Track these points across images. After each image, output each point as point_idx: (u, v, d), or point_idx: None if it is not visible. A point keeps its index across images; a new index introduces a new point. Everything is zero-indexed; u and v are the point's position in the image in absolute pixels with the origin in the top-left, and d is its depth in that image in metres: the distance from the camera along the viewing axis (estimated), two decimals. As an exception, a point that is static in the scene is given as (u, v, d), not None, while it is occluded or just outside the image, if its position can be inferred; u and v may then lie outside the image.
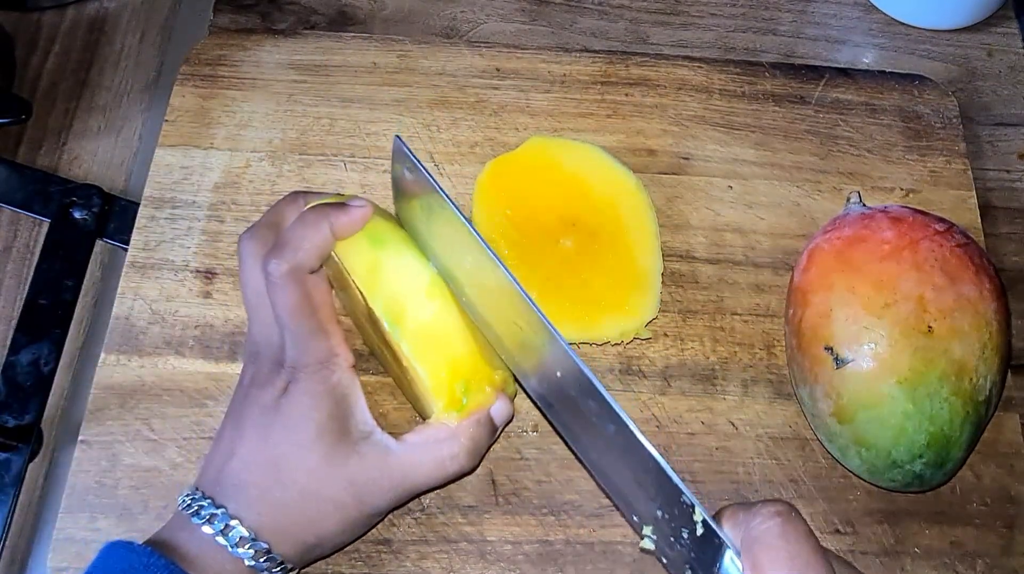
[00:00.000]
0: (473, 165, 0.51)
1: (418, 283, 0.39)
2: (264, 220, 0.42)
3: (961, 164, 0.54)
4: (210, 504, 0.36)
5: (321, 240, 0.39)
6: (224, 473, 0.37)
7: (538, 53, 0.55)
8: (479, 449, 0.39)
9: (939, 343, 0.40)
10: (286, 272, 0.38)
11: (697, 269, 0.50)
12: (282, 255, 0.38)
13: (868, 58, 0.60)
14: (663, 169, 0.52)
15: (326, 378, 0.38)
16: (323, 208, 0.40)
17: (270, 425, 0.37)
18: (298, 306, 0.38)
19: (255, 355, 0.39)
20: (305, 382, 0.37)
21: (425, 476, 0.38)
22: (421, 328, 0.39)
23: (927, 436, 0.40)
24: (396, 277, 0.39)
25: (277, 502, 0.36)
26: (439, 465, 0.38)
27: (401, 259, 0.39)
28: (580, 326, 0.46)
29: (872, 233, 0.43)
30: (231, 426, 0.38)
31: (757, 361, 0.47)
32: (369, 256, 0.39)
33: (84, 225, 0.51)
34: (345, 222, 0.39)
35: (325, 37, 0.55)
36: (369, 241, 0.40)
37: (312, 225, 0.39)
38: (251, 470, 0.37)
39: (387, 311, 0.38)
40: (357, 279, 0.39)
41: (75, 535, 0.41)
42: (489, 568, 0.42)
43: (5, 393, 0.47)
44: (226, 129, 0.51)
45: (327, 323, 0.39)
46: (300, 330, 0.38)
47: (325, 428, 0.37)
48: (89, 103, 0.56)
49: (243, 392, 0.39)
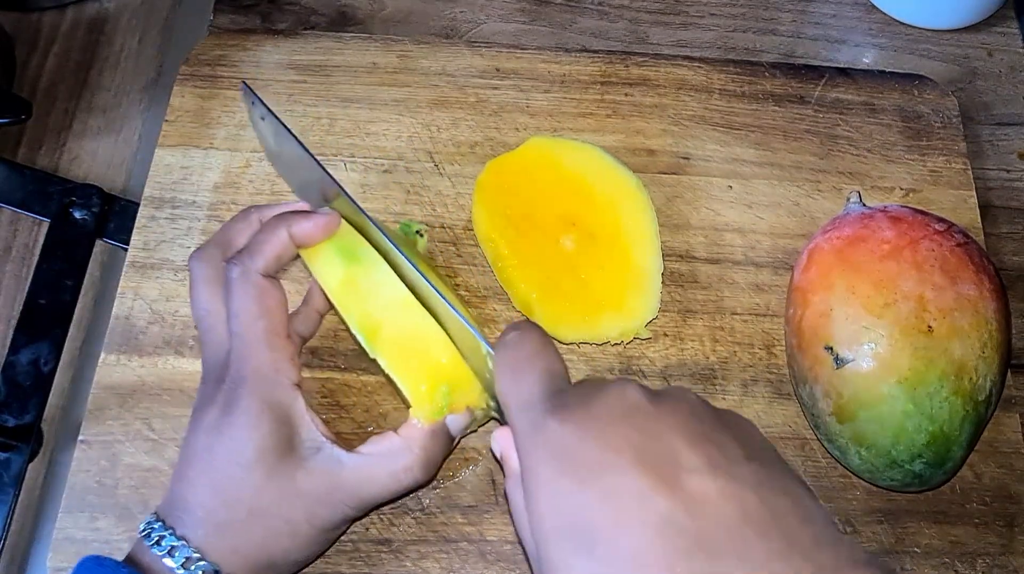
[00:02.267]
0: (473, 165, 0.51)
1: (392, 296, 0.39)
2: (214, 239, 0.41)
3: (961, 164, 0.54)
4: (160, 526, 0.36)
5: (278, 243, 0.39)
6: (176, 498, 0.37)
7: (538, 53, 0.55)
8: (434, 460, 0.39)
9: (939, 343, 0.40)
10: (239, 274, 0.38)
11: (697, 269, 0.50)
12: (239, 258, 0.39)
13: (868, 58, 0.60)
14: (663, 169, 0.52)
15: (265, 395, 0.37)
16: (286, 214, 0.40)
17: (213, 447, 0.37)
18: (249, 309, 0.38)
19: (206, 376, 0.39)
20: (245, 399, 0.37)
21: (379, 488, 0.38)
22: (397, 341, 0.38)
23: (927, 435, 0.40)
24: (369, 292, 0.39)
25: (224, 523, 0.36)
26: (393, 477, 0.38)
27: (375, 274, 0.39)
28: (580, 326, 0.46)
29: (872, 233, 0.43)
30: (183, 452, 0.38)
31: (757, 361, 0.47)
32: (341, 272, 0.39)
33: (84, 225, 0.51)
34: (307, 228, 0.40)
35: (325, 37, 0.55)
36: (341, 256, 0.40)
37: (271, 229, 0.40)
38: (196, 492, 0.36)
39: (362, 326, 0.38)
40: (331, 295, 0.39)
41: (75, 535, 0.41)
42: (489, 568, 0.42)
43: (5, 393, 0.47)
44: (226, 129, 0.51)
45: (275, 335, 0.38)
46: (246, 335, 0.38)
47: (267, 446, 0.36)
48: (89, 103, 0.56)
49: (193, 416, 0.39)
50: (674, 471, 0.28)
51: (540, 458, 0.30)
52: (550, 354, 0.34)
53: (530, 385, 0.33)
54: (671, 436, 0.29)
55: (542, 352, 0.34)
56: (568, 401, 0.31)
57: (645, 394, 0.31)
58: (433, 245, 0.49)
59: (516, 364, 0.34)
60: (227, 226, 0.42)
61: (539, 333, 0.35)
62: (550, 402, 0.32)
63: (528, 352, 0.34)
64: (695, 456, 0.29)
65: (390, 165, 0.51)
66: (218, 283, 0.39)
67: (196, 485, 0.37)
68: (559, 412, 0.31)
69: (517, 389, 0.33)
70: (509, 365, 0.34)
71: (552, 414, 0.31)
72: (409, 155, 0.51)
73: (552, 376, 0.33)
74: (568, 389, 0.33)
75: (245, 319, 0.38)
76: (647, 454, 0.29)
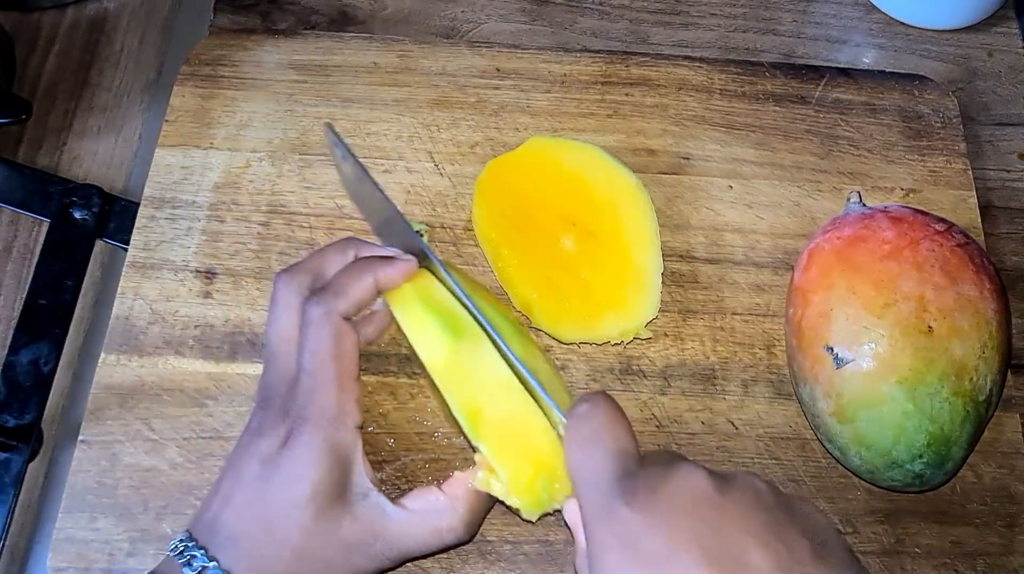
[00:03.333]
0: (473, 165, 0.51)
1: (497, 379, 0.38)
2: (306, 264, 0.41)
3: (961, 164, 0.54)
4: (203, 555, 0.35)
5: (364, 290, 0.39)
6: (219, 522, 0.36)
7: (538, 53, 0.55)
8: (478, 520, 0.39)
9: (939, 343, 0.40)
10: (321, 314, 0.38)
11: (697, 269, 0.50)
12: (323, 297, 0.38)
13: (868, 58, 0.60)
14: (663, 169, 0.52)
15: (330, 435, 0.37)
16: (368, 260, 0.40)
17: (268, 478, 0.36)
18: (324, 350, 0.38)
19: (266, 401, 0.39)
20: (308, 435, 0.36)
21: (419, 544, 0.37)
22: (500, 427, 0.37)
23: (927, 436, 0.40)
24: (474, 373, 0.38)
25: (268, 558, 0.36)
26: (435, 534, 0.37)
27: (478, 353, 0.38)
28: (580, 326, 0.46)
29: (872, 233, 0.43)
30: (231, 473, 0.37)
31: (757, 361, 0.47)
32: (444, 347, 0.38)
33: (84, 225, 0.51)
34: (391, 274, 0.40)
35: (325, 37, 0.55)
36: (444, 328, 0.38)
37: (358, 274, 0.39)
38: (245, 522, 0.36)
39: (465, 410, 0.37)
40: (432, 372, 0.38)
41: (75, 535, 0.41)
42: (489, 568, 0.42)
43: (5, 393, 0.47)
44: (226, 129, 0.51)
45: (346, 377, 0.38)
46: (318, 376, 0.37)
47: (322, 487, 0.36)
48: (89, 103, 0.56)
49: (247, 438, 0.38)
50: (740, 571, 0.28)
51: (607, 543, 0.30)
52: (621, 428, 0.34)
53: (599, 462, 0.32)
54: (738, 532, 0.29)
55: (612, 427, 0.33)
56: (638, 486, 0.31)
57: (712, 482, 0.31)
58: (433, 245, 0.49)
59: (586, 439, 0.33)
60: (322, 254, 0.41)
61: (610, 406, 0.34)
62: (619, 484, 0.31)
63: (598, 426, 0.33)
64: (762, 556, 0.29)
65: (390, 165, 0.51)
66: (300, 311, 0.39)
67: (244, 515, 0.36)
68: (627, 496, 0.31)
69: (586, 465, 0.33)
70: (579, 440, 0.33)
71: (621, 498, 0.31)
72: (409, 155, 0.51)
73: (622, 455, 0.33)
74: (638, 471, 0.32)
75: (321, 359, 0.38)
76: (713, 550, 0.29)
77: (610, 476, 0.32)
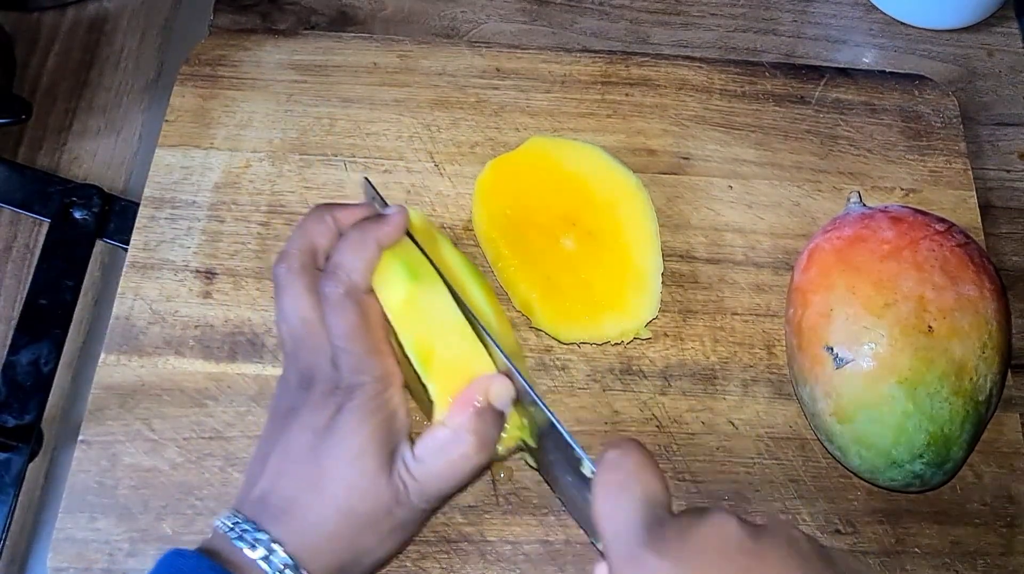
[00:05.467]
0: (473, 165, 0.51)
1: (450, 322, 0.39)
2: (294, 245, 0.41)
3: (961, 164, 0.54)
4: (253, 528, 0.35)
5: (372, 258, 0.39)
6: (271, 496, 0.36)
7: (538, 53, 0.55)
8: (488, 440, 0.38)
9: (939, 343, 0.40)
10: (343, 294, 0.38)
11: (697, 269, 0.50)
12: (337, 278, 0.38)
13: (868, 58, 0.60)
14: (663, 169, 0.52)
15: (380, 394, 0.38)
16: (364, 225, 0.40)
17: (320, 446, 0.37)
18: (357, 327, 0.38)
19: (308, 381, 0.39)
20: (360, 399, 0.37)
21: (442, 482, 0.38)
22: (449, 367, 0.38)
23: (927, 436, 0.40)
24: (428, 314, 0.39)
25: (314, 524, 0.36)
26: (451, 467, 0.37)
27: (434, 296, 0.39)
28: (581, 326, 0.46)
29: (872, 233, 0.43)
30: (279, 450, 0.38)
31: (757, 361, 0.47)
32: (403, 289, 0.39)
33: (84, 225, 0.51)
34: (389, 232, 0.40)
35: (325, 37, 0.55)
36: (405, 271, 0.39)
37: (360, 245, 0.39)
38: (298, 490, 0.36)
39: (417, 349, 0.38)
40: (389, 312, 0.39)
41: (75, 535, 0.41)
42: (489, 568, 0.42)
43: (5, 393, 0.47)
44: (226, 129, 0.51)
45: (381, 343, 0.39)
46: (359, 350, 0.38)
47: (370, 443, 0.37)
48: (89, 103, 0.56)
49: (289, 419, 0.38)
50: None
51: None
52: (651, 475, 0.33)
53: (628, 511, 0.31)
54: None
55: (642, 474, 0.33)
56: (667, 534, 0.30)
57: (745, 529, 0.30)
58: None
59: (615, 487, 0.33)
60: (304, 230, 0.41)
61: (640, 453, 0.33)
62: (648, 532, 0.31)
63: (627, 474, 0.33)
64: None
65: (390, 165, 0.51)
66: (314, 292, 0.39)
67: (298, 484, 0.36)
68: (656, 544, 0.30)
69: (614, 514, 0.32)
70: (607, 487, 0.33)
71: (649, 546, 0.30)
72: (409, 155, 0.51)
73: (652, 504, 0.32)
74: (668, 519, 0.31)
75: (355, 335, 0.38)
76: None
77: (638, 524, 0.31)
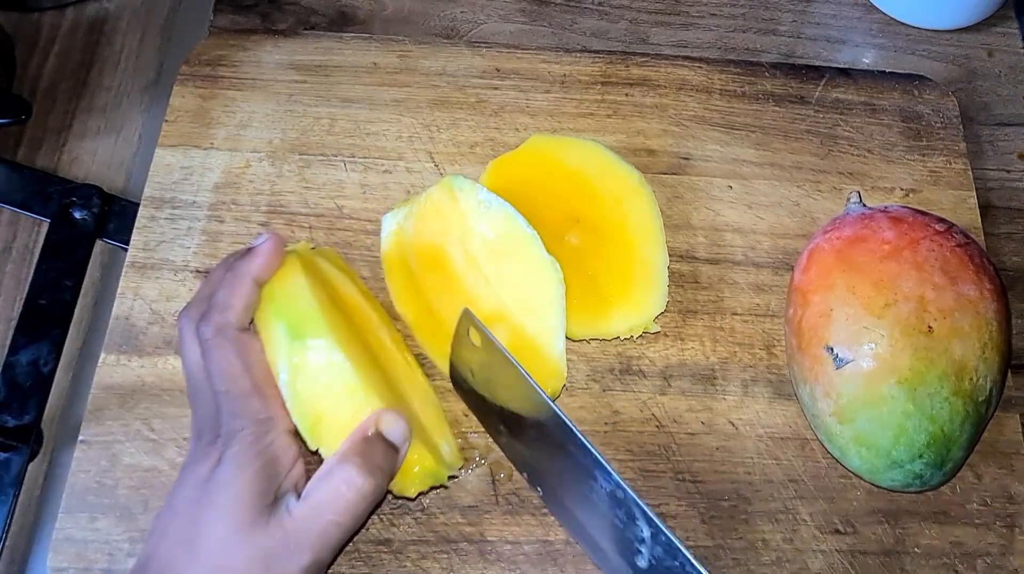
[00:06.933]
0: (473, 165, 0.51)
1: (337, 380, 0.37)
2: (198, 295, 0.40)
3: (961, 164, 0.54)
4: None
5: (246, 293, 0.38)
6: (153, 559, 0.35)
7: (538, 53, 0.55)
8: (375, 467, 0.36)
9: (939, 343, 0.40)
10: (215, 332, 0.37)
11: (697, 269, 0.50)
12: (209, 318, 0.37)
13: (868, 58, 0.60)
14: (663, 169, 0.52)
15: (260, 439, 0.36)
16: (233, 262, 0.39)
17: (199, 499, 0.35)
18: (232, 366, 0.37)
19: (198, 433, 0.37)
20: (238, 446, 0.35)
21: (329, 519, 0.36)
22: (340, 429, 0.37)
23: (927, 436, 0.40)
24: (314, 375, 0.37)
25: None
26: (337, 498, 0.36)
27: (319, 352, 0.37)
28: (588, 322, 0.46)
29: (872, 233, 0.43)
30: (167, 509, 0.36)
31: (757, 361, 0.47)
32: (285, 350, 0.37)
33: (84, 225, 0.51)
34: (261, 263, 0.39)
35: (325, 37, 0.55)
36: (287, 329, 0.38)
37: (233, 282, 0.38)
38: (176, 551, 0.35)
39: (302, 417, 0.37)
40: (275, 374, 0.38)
41: (75, 535, 0.41)
42: (489, 568, 0.42)
43: (5, 393, 0.47)
44: (226, 129, 0.51)
45: (262, 385, 0.37)
46: (236, 392, 0.36)
47: (245, 494, 0.35)
48: (89, 103, 0.56)
49: (182, 474, 0.37)
50: None
51: None
52: None
53: None
54: None
55: None
56: None
57: None
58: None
59: None
60: (208, 280, 0.40)
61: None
62: None
63: None
64: None
65: (390, 165, 0.51)
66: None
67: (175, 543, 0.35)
68: None
69: None
70: None
71: None
72: (409, 155, 0.51)
73: None
74: None
75: (231, 375, 0.37)
76: None
77: None
